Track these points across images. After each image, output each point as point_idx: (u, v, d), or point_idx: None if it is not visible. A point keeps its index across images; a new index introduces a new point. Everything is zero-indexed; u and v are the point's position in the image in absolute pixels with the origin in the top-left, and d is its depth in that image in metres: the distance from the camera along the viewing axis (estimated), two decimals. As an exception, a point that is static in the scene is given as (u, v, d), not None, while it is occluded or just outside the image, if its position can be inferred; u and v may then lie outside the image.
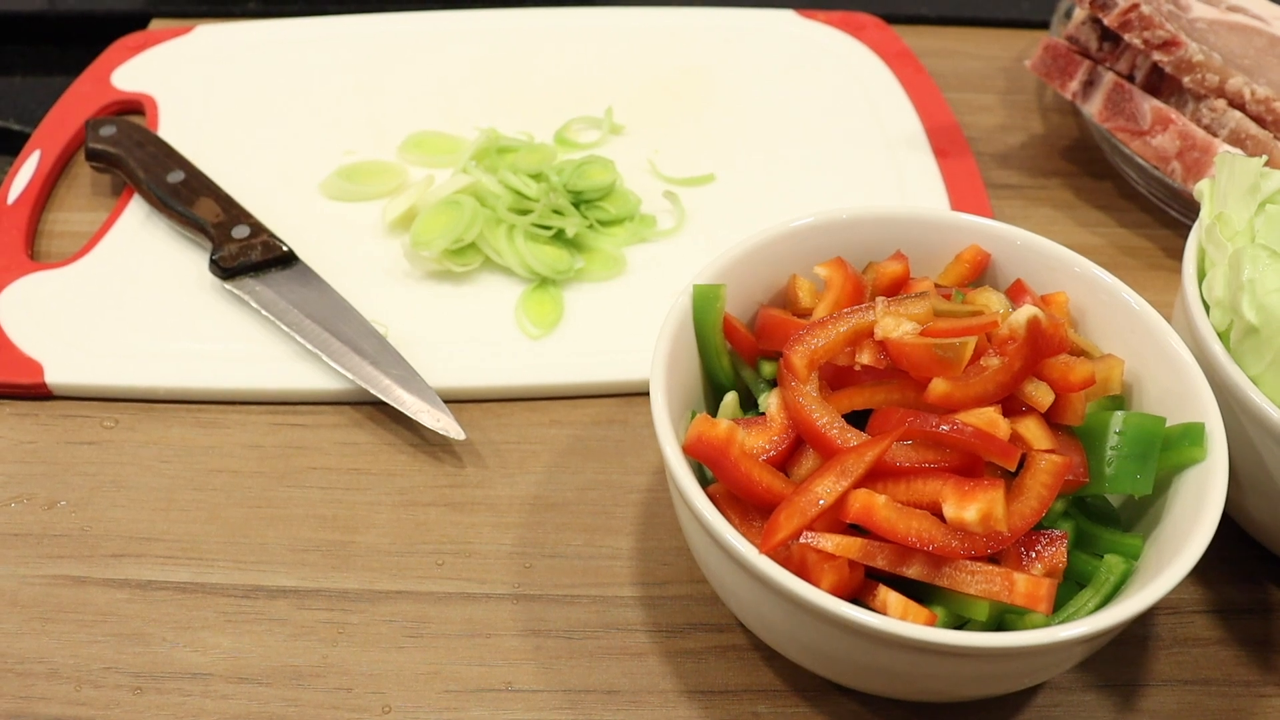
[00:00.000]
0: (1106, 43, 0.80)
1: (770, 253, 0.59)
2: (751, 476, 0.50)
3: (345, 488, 0.64)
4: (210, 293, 0.73)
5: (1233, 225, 0.60)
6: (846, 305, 0.55)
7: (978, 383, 0.50)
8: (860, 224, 0.60)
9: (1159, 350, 0.56)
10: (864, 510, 0.48)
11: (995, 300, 0.55)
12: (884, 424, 0.51)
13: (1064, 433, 0.53)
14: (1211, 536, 0.49)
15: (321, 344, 0.67)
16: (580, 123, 0.86)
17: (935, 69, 0.92)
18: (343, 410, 0.68)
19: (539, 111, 0.87)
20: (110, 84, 0.89)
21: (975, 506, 0.47)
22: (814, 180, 0.82)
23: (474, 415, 0.67)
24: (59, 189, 0.82)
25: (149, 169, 0.77)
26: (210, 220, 0.74)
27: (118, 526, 0.62)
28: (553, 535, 0.62)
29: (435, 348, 0.70)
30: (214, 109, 0.87)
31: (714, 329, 0.56)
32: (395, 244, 0.76)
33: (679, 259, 0.76)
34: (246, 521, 0.62)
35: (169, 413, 0.68)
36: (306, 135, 0.85)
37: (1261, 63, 0.80)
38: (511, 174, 0.76)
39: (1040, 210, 0.82)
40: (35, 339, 0.70)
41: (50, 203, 0.81)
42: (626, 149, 0.84)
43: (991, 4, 1.01)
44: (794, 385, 0.51)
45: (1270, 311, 0.54)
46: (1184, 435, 0.52)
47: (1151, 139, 0.76)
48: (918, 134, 0.85)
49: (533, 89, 0.89)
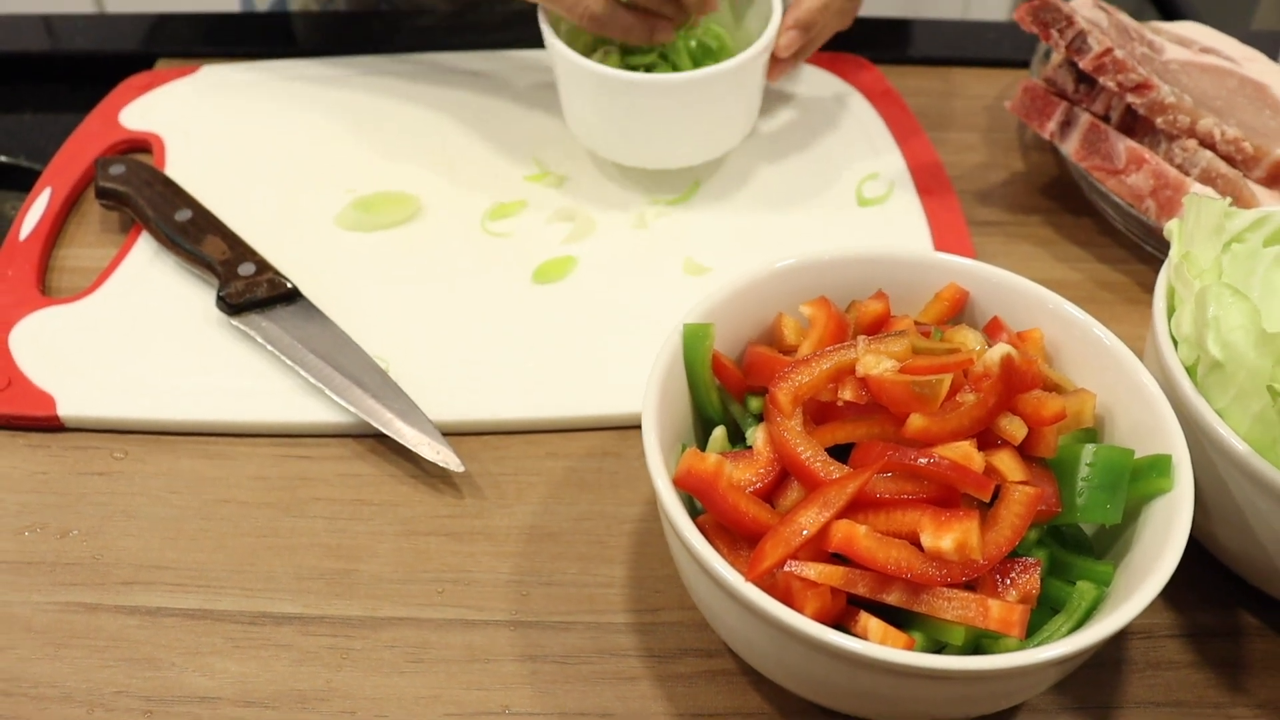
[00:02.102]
0: (1083, 85, 0.83)
1: (757, 292, 0.61)
2: (739, 508, 0.52)
3: (348, 518, 0.66)
4: (217, 328, 0.75)
5: (1199, 264, 0.62)
6: (830, 343, 0.58)
7: (954, 418, 0.52)
8: (842, 264, 0.63)
9: (1129, 384, 0.58)
10: (845, 540, 0.50)
11: (971, 338, 0.58)
12: (865, 457, 0.53)
13: (1037, 464, 0.55)
14: (1178, 562, 0.51)
15: (325, 379, 0.70)
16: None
17: (919, 108, 0.95)
18: (346, 443, 0.70)
19: (537, 148, 0.90)
20: (118, 123, 0.92)
21: (951, 536, 0.49)
22: (798, 215, 0.85)
23: (473, 448, 0.69)
24: (69, 225, 0.85)
25: (157, 207, 0.80)
26: (217, 258, 0.76)
27: (128, 555, 0.64)
28: (549, 564, 0.64)
29: (435, 382, 0.72)
30: (219, 147, 0.90)
31: (703, 366, 0.58)
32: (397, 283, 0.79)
33: (666, 294, 0.78)
34: (253, 550, 0.64)
35: (178, 444, 0.70)
36: (310, 172, 0.88)
37: (1232, 103, 0.82)
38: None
39: (1021, 246, 0.84)
40: (47, 372, 0.72)
41: (61, 239, 0.83)
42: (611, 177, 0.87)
43: (975, 45, 1.03)
44: (779, 420, 0.54)
45: (1234, 348, 0.57)
46: (1152, 466, 0.55)
47: (1126, 178, 0.79)
48: (902, 172, 0.88)
49: (531, 129, 0.92)
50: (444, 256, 0.81)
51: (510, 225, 0.84)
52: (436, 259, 0.81)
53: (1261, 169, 0.78)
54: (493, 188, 0.86)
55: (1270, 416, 0.56)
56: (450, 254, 0.81)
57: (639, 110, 0.81)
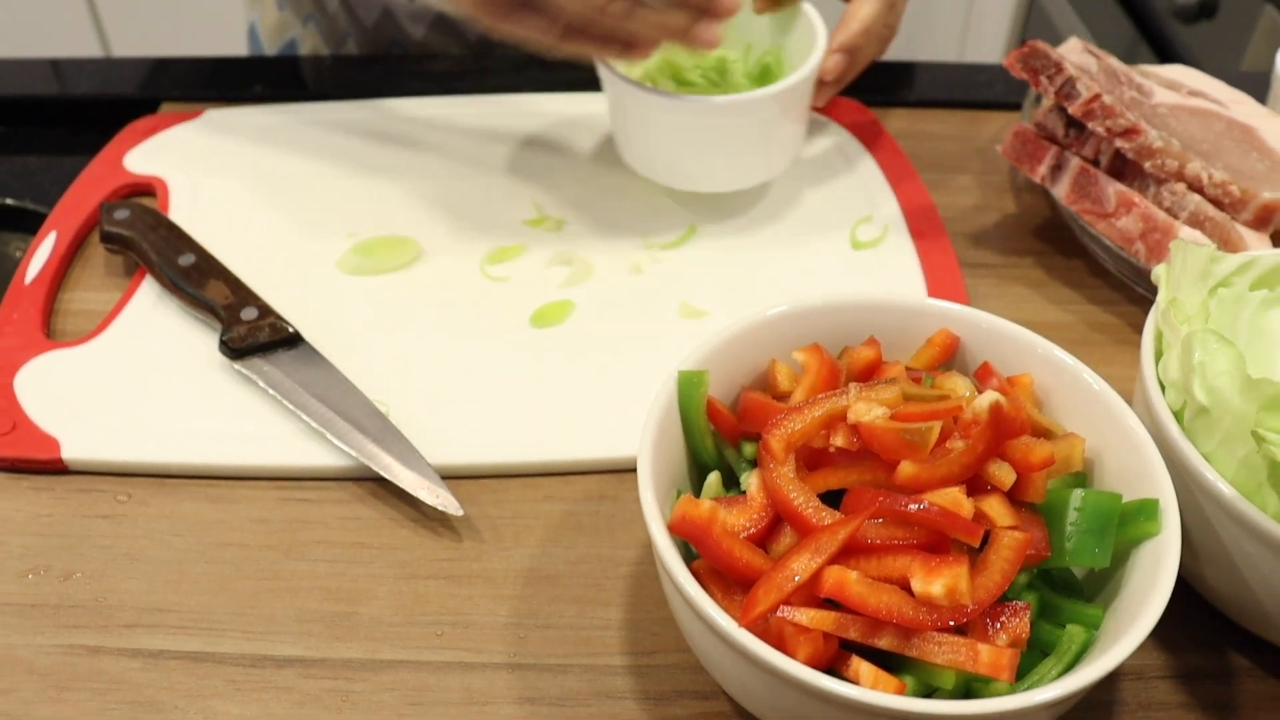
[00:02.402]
0: (1072, 129, 0.84)
1: (750, 339, 0.62)
2: (733, 553, 0.53)
3: (349, 561, 0.67)
4: (220, 372, 0.76)
5: (1185, 309, 0.64)
6: (822, 389, 0.59)
7: (943, 464, 0.53)
8: (834, 310, 0.64)
9: (1117, 429, 0.59)
10: (837, 586, 0.51)
11: (961, 385, 0.59)
12: (856, 503, 0.54)
13: (1026, 509, 0.56)
14: (1165, 606, 0.52)
15: (326, 423, 0.71)
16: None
17: (913, 150, 0.96)
18: (346, 486, 0.71)
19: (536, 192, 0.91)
20: (123, 167, 0.93)
21: (941, 581, 0.50)
22: (793, 259, 0.86)
23: (471, 491, 0.70)
24: (74, 269, 0.86)
25: (161, 252, 0.81)
26: (220, 302, 0.77)
27: (131, 598, 0.65)
28: (546, 607, 0.65)
29: (434, 426, 0.73)
30: (223, 190, 0.91)
31: (698, 412, 0.59)
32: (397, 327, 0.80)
33: (663, 337, 0.80)
34: (255, 593, 0.65)
35: (181, 487, 0.71)
36: (311, 216, 0.89)
37: (1219, 146, 0.84)
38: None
39: (1013, 288, 0.85)
40: (52, 415, 0.73)
41: (66, 282, 0.85)
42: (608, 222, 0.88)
43: (967, 88, 1.05)
44: (772, 467, 0.55)
45: (1219, 393, 0.58)
46: (1140, 511, 0.55)
47: (1116, 221, 0.80)
48: (896, 215, 0.89)
49: (530, 174, 0.93)
50: (444, 300, 0.82)
51: (509, 269, 0.85)
52: (436, 303, 0.82)
53: (1249, 211, 0.79)
54: (492, 232, 0.88)
55: (1256, 461, 0.57)
56: (450, 298, 0.82)
57: (690, 132, 0.84)
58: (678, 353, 0.61)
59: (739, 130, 0.84)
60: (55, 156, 1.03)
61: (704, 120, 0.83)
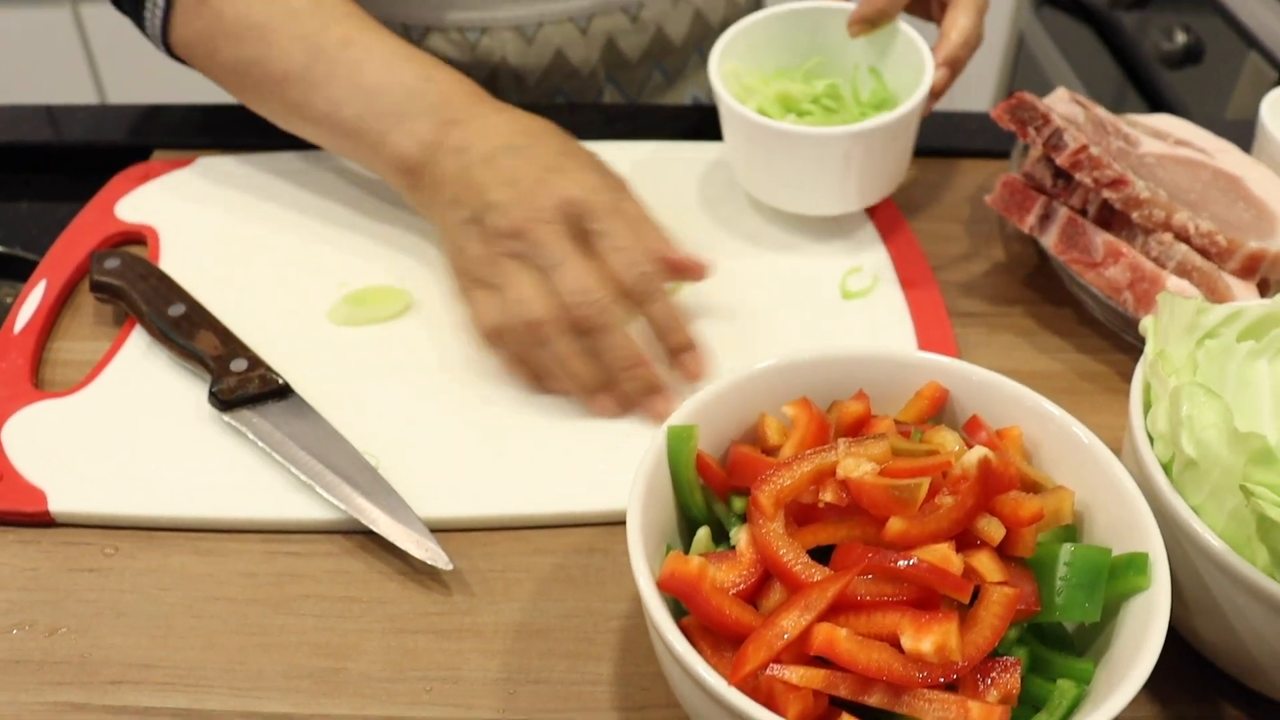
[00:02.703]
0: (1060, 179, 0.85)
1: (739, 393, 0.62)
2: (722, 610, 0.53)
3: (337, 615, 0.66)
4: (209, 424, 0.76)
5: (1173, 362, 0.64)
6: (811, 444, 0.59)
7: (932, 520, 0.53)
8: (823, 364, 0.64)
9: (1106, 481, 0.59)
10: (827, 643, 0.51)
11: (950, 439, 0.59)
12: (846, 559, 0.54)
13: (1016, 564, 0.56)
14: (1156, 661, 0.52)
15: (315, 475, 0.70)
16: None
17: (902, 199, 0.97)
18: (335, 539, 0.70)
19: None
20: (114, 215, 0.93)
21: (931, 638, 0.50)
22: (783, 309, 0.86)
23: (461, 544, 0.70)
24: (63, 318, 0.86)
25: (151, 302, 0.81)
26: (209, 353, 0.77)
27: (117, 653, 0.64)
28: (536, 661, 0.64)
29: (424, 478, 0.72)
30: (214, 239, 0.91)
31: (687, 467, 0.59)
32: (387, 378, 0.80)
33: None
34: (242, 649, 0.65)
35: (168, 541, 0.70)
36: (302, 266, 0.89)
37: (1206, 196, 0.84)
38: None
39: (1002, 337, 0.86)
40: (39, 467, 0.73)
41: (55, 331, 0.85)
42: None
43: (956, 136, 1.05)
44: (762, 523, 0.55)
45: (1207, 446, 0.58)
46: (1129, 565, 0.55)
47: (1104, 270, 0.81)
48: (885, 264, 0.89)
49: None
50: (434, 352, 0.82)
51: (500, 319, 0.85)
52: (426, 354, 0.82)
53: (1236, 261, 0.80)
54: (483, 281, 0.88)
55: (1245, 514, 0.57)
56: (440, 349, 0.82)
57: (815, 161, 0.86)
58: (669, 404, 0.61)
59: (862, 156, 0.86)
60: (48, 203, 1.03)
61: (829, 149, 0.85)
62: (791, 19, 0.93)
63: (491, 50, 1.08)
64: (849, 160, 0.86)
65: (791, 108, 0.92)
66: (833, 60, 0.94)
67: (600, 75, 1.13)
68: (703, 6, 1.15)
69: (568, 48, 1.10)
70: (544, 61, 1.10)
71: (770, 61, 0.94)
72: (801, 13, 0.93)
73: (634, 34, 1.12)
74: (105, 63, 2.34)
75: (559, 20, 1.08)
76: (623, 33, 1.11)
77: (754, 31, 0.93)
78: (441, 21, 1.08)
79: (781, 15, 0.93)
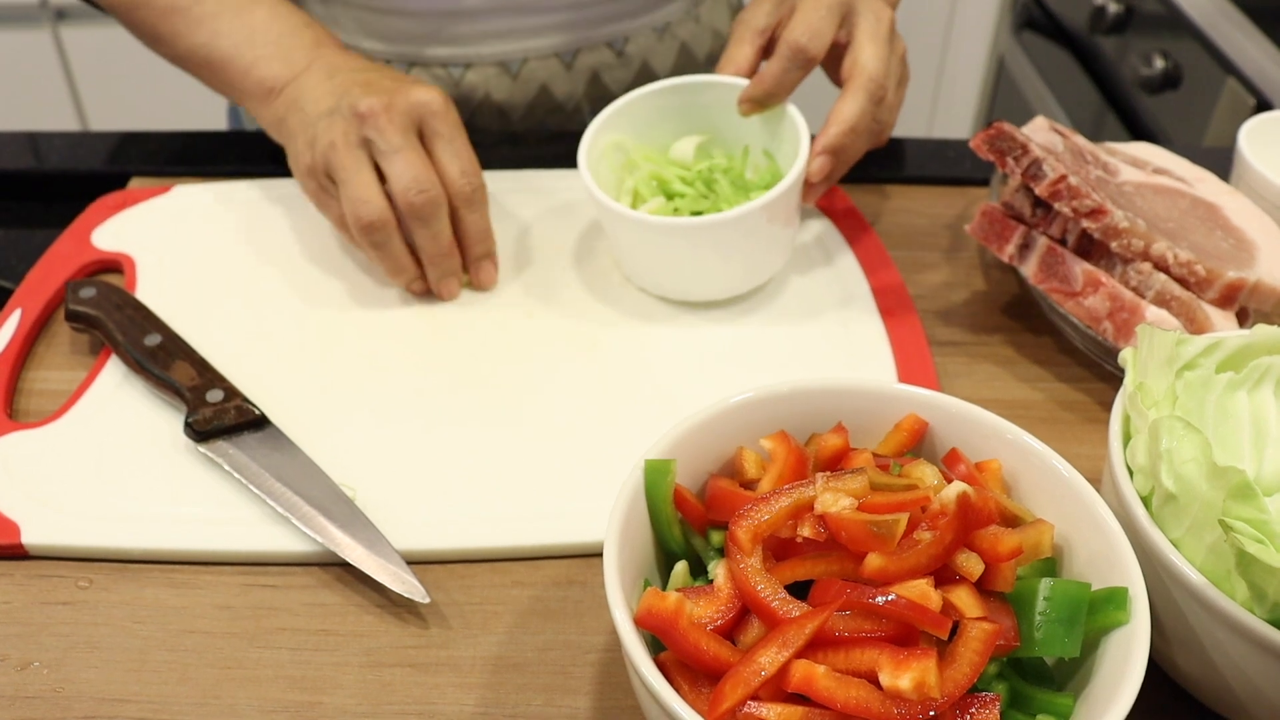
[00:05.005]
0: (1039, 209, 0.85)
1: (716, 427, 0.62)
2: (700, 646, 0.52)
3: (314, 648, 0.66)
4: (184, 455, 0.75)
5: (1152, 395, 0.64)
6: (790, 477, 0.58)
7: (911, 556, 0.53)
8: (801, 396, 0.64)
9: (1086, 515, 0.59)
10: (804, 680, 0.50)
11: (929, 473, 0.58)
12: (824, 594, 0.54)
13: (995, 599, 0.56)
14: (1135, 696, 0.51)
15: (291, 507, 0.70)
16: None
17: (882, 227, 0.97)
18: (312, 571, 0.70)
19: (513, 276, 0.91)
20: (90, 243, 0.93)
21: (909, 675, 0.50)
22: (762, 339, 0.86)
23: (439, 576, 0.69)
24: (38, 347, 0.85)
25: (127, 331, 0.80)
26: (185, 384, 0.76)
27: (90, 688, 0.64)
28: (513, 695, 0.64)
29: (402, 510, 0.72)
30: (190, 268, 0.91)
31: (665, 501, 0.59)
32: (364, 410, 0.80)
33: (632, 422, 0.79)
34: (217, 682, 0.64)
35: (143, 573, 0.70)
36: (278, 295, 0.89)
37: (1184, 225, 0.84)
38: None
39: (982, 366, 0.86)
40: (12, 499, 0.72)
41: (30, 361, 0.84)
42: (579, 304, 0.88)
43: (936, 164, 1.06)
44: (739, 558, 0.54)
45: (1186, 480, 0.58)
46: (1108, 599, 0.55)
47: (1084, 300, 0.81)
48: (864, 293, 0.89)
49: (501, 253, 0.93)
50: (411, 383, 0.82)
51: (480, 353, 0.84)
52: (405, 385, 0.82)
53: (1214, 290, 0.80)
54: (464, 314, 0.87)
55: (1224, 548, 0.57)
56: (419, 381, 0.82)
57: (682, 250, 0.84)
58: (647, 436, 0.60)
59: (730, 244, 0.84)
60: (24, 230, 1.03)
61: (695, 238, 0.83)
62: (685, 91, 0.91)
63: (475, 86, 1.08)
64: (703, 250, 0.84)
65: (665, 190, 0.89)
66: (733, 138, 0.92)
67: (585, 110, 1.13)
68: (688, 40, 1.15)
69: (552, 83, 1.10)
70: (528, 96, 1.10)
71: (658, 135, 0.92)
72: (693, 86, 0.91)
73: (619, 68, 1.12)
74: (85, 85, 2.33)
75: (544, 56, 1.08)
76: (608, 67, 1.11)
77: (644, 103, 0.91)
78: (424, 57, 1.08)
79: (674, 88, 0.91)
